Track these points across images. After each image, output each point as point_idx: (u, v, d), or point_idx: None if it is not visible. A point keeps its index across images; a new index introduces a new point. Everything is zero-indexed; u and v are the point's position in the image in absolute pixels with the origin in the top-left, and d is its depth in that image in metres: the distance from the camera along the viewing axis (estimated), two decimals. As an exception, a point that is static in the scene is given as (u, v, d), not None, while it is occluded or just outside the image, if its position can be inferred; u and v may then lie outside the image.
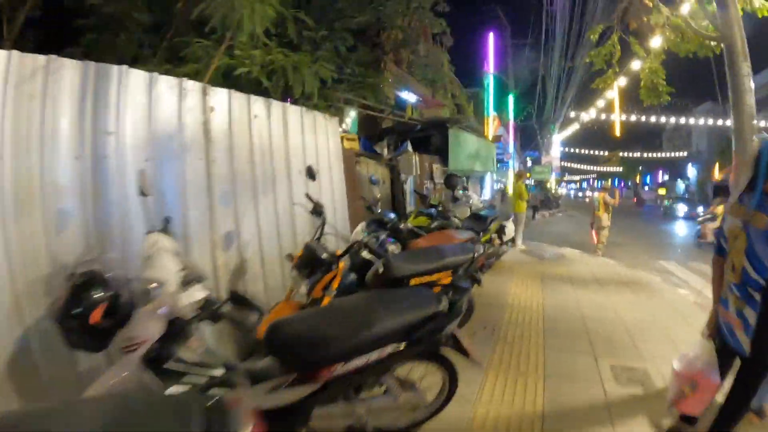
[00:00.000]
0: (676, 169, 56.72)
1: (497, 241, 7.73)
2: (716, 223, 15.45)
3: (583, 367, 4.28)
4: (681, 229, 21.60)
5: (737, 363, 2.58)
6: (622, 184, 78.68)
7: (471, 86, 25.01)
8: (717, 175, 43.03)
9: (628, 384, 3.98)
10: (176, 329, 2.26)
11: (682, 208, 31.67)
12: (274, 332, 2.24)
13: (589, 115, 21.32)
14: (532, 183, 42.88)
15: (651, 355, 4.61)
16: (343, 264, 3.83)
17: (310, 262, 3.67)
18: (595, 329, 5.29)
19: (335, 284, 3.71)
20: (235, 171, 4.47)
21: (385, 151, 7.96)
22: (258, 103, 4.83)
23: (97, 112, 3.37)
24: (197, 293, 2.30)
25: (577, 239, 14.20)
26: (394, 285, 3.65)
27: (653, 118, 28.85)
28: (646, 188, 63.96)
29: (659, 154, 58.31)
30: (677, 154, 53.70)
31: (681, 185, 55.13)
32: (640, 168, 67.48)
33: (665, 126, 57.20)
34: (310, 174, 4.15)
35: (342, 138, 6.52)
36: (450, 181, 8.13)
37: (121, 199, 3.41)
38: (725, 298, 2.58)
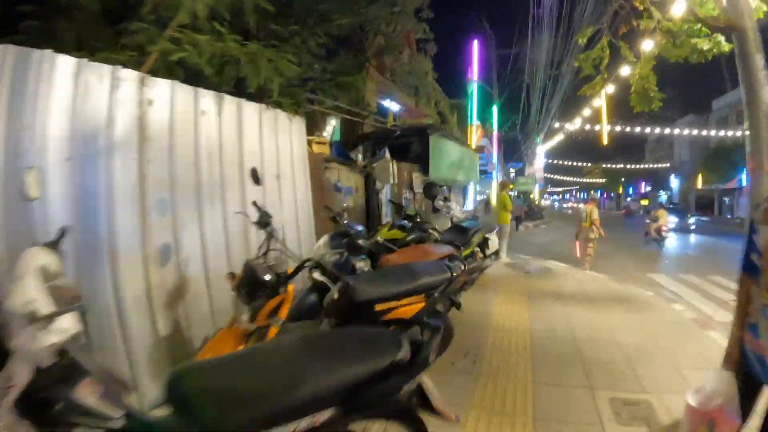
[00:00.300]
0: (658, 180, 57.26)
1: (480, 255, 7.17)
2: (658, 224, 16.05)
3: (579, 404, 3.69)
4: (670, 241, 21.12)
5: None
6: (605, 195, 79.41)
7: (455, 97, 24.75)
8: (699, 185, 43.53)
9: (630, 422, 3.43)
10: (54, 370, 1.68)
11: (672, 220, 29.37)
12: (175, 383, 1.65)
13: (574, 125, 21.02)
14: (516, 194, 42.88)
15: (654, 383, 4.06)
16: (293, 287, 3.21)
17: (251, 284, 3.05)
18: (589, 354, 4.72)
19: (284, 311, 3.09)
20: (175, 174, 3.84)
21: (359, 157, 7.37)
22: (207, 97, 4.23)
23: (11, 102, 2.89)
24: (54, 335, 1.66)
25: (563, 251, 13.74)
26: (356, 312, 3.08)
27: (638, 129, 28.77)
28: (629, 199, 64.22)
29: (642, 166, 58.96)
30: (660, 165, 54.34)
31: (663, 196, 55.60)
32: (623, 179, 67.94)
33: (648, 138, 58.38)
34: (254, 178, 3.53)
35: (310, 141, 5.93)
36: (429, 190, 7.58)
37: (38, 204, 2.91)
38: (755, 323, 2.13)
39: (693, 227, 27.26)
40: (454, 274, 3.45)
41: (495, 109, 25.56)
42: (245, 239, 4.51)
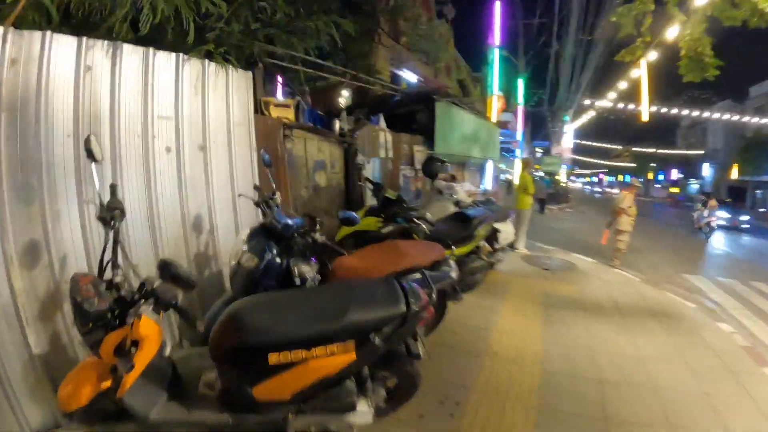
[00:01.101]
0: (690, 167, 54.50)
1: (489, 249, 5.86)
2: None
3: None
4: (717, 240, 17.69)
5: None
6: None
7: (477, 69, 23.22)
8: (735, 175, 40.89)
9: None
10: None
11: (722, 215, 21.08)
12: None
13: (607, 100, 19.22)
14: (543, 175, 40.97)
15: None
16: (146, 319, 1.99)
17: (76, 310, 1.91)
18: (617, 408, 3.41)
19: (142, 356, 1.91)
20: (46, 152, 2.84)
21: (338, 125, 5.97)
22: (95, 49, 3.08)
23: None
24: None
25: (589, 241, 12.32)
26: (242, 358, 1.90)
27: (675, 111, 26.56)
28: (658, 186, 61.48)
29: (674, 151, 56.37)
30: (693, 152, 51.64)
31: (695, 185, 53.07)
32: (653, 165, 65.10)
33: (680, 122, 55.73)
34: (88, 152, 2.31)
35: (267, 103, 4.63)
36: (429, 166, 6.23)
37: None
38: None
39: (746, 226, 22.67)
40: (414, 308, 2.16)
41: (521, 82, 23.75)
42: (150, 230, 3.34)
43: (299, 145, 4.91)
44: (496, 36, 13.72)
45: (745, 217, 23.09)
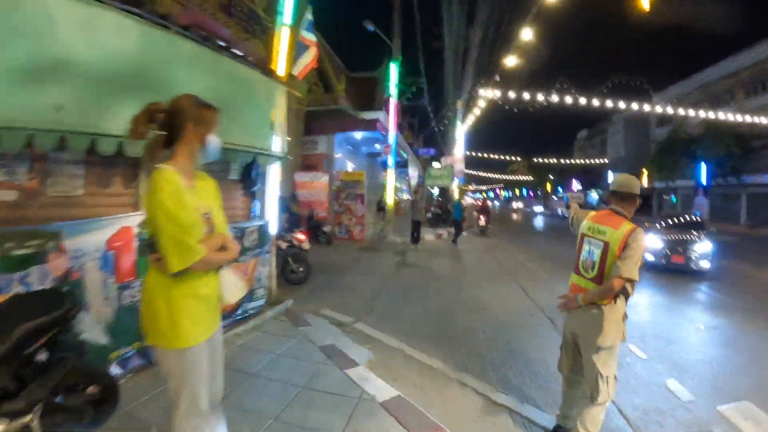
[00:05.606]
0: (590, 177, 52.97)
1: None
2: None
3: None
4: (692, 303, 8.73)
5: None
6: (531, 193, 76.43)
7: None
8: (645, 182, 38.39)
9: None
10: None
11: (653, 244, 11.86)
12: None
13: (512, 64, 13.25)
14: (435, 191, 35.29)
15: None
16: None
17: None
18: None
19: None
20: None
21: None
22: None
23: None
24: None
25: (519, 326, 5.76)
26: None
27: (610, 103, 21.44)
28: (555, 198, 59.82)
29: (579, 161, 55.53)
30: (597, 160, 50.79)
31: (594, 194, 51.52)
32: (552, 177, 63.83)
33: (576, 134, 55.09)
34: None
35: None
36: None
37: None
38: None
39: (705, 265, 11.43)
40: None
41: (393, 67, 17.41)
42: None
43: None
44: None
45: (701, 247, 11.56)
